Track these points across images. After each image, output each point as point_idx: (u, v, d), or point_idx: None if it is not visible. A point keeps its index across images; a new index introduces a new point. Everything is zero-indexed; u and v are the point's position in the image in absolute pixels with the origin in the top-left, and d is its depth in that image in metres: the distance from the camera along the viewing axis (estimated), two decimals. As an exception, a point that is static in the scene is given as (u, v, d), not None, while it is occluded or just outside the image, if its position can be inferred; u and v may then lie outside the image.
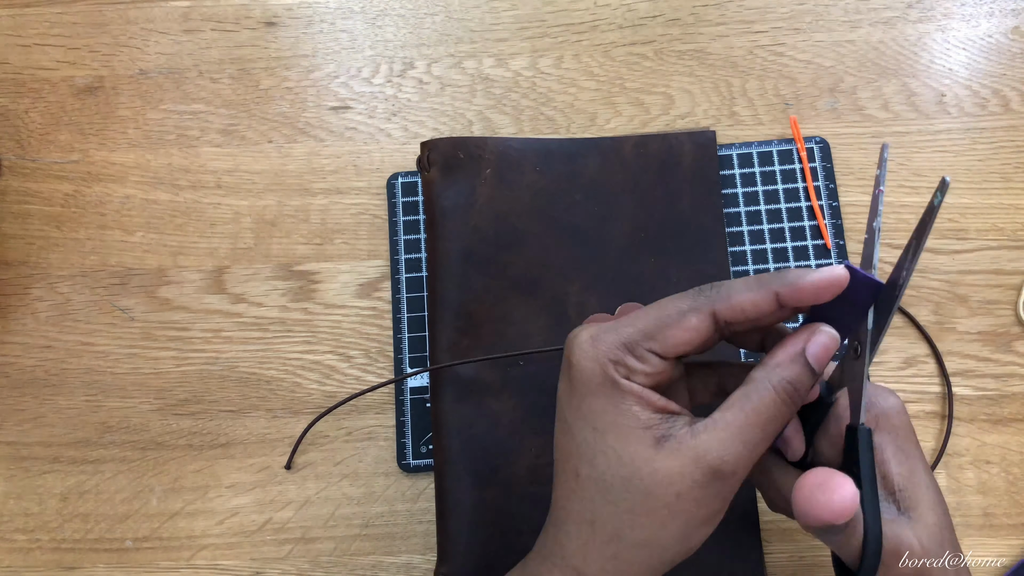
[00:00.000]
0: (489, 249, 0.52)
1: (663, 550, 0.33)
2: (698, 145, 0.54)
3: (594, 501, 0.33)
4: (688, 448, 0.31)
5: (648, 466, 0.31)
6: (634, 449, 0.32)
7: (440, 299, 0.52)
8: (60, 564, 0.51)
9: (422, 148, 0.54)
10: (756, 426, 0.31)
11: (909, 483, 0.34)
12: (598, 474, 0.32)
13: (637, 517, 0.32)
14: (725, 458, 0.31)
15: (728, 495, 0.33)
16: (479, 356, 0.50)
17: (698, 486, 0.31)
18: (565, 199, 0.53)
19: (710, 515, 0.33)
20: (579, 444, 0.33)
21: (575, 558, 0.34)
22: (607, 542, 0.33)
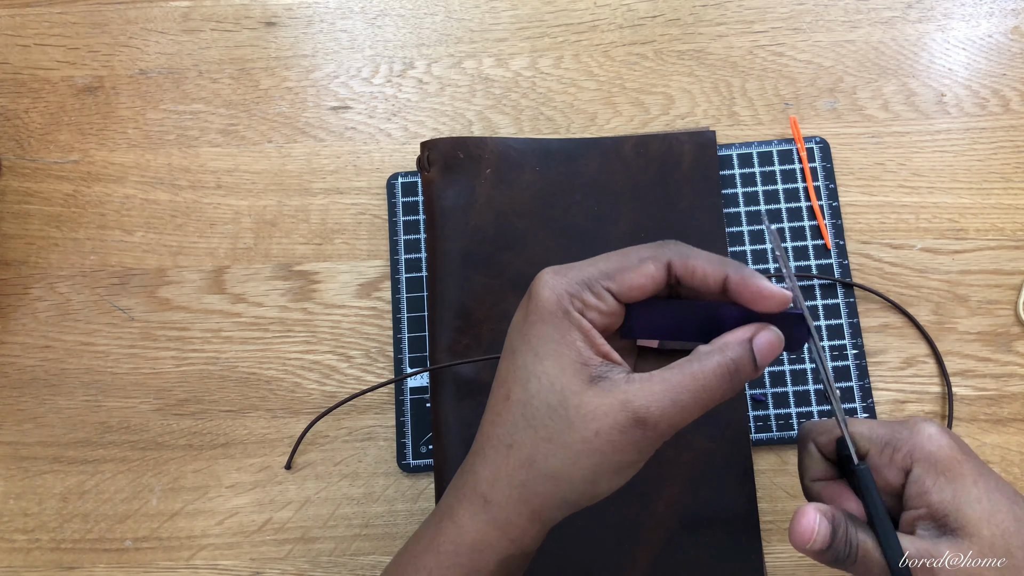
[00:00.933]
0: (489, 249, 0.52)
1: (569, 487, 0.33)
2: (698, 145, 0.54)
3: (516, 425, 0.34)
4: (619, 391, 0.32)
5: (576, 398, 0.32)
6: (568, 379, 0.33)
7: (440, 299, 0.52)
8: (60, 564, 0.51)
9: (422, 148, 0.54)
10: (689, 390, 0.32)
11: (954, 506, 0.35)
12: (527, 397, 0.33)
13: (553, 446, 0.33)
14: (651, 408, 0.32)
15: (645, 450, 0.33)
16: (479, 356, 0.50)
17: (618, 429, 0.32)
18: (565, 199, 0.53)
19: (622, 464, 0.33)
20: (518, 367, 0.34)
21: (484, 484, 0.34)
22: (519, 467, 0.33)
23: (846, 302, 0.52)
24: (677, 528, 0.48)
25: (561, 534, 0.49)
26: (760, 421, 0.51)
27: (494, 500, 0.34)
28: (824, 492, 0.38)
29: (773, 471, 0.51)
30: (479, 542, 0.34)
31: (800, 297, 0.35)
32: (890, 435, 0.37)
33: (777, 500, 0.50)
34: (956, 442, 0.37)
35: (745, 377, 0.34)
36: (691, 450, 0.49)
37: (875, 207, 0.54)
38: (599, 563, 0.48)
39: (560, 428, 0.33)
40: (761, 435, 0.51)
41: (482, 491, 0.34)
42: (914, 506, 0.36)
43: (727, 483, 0.49)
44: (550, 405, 0.33)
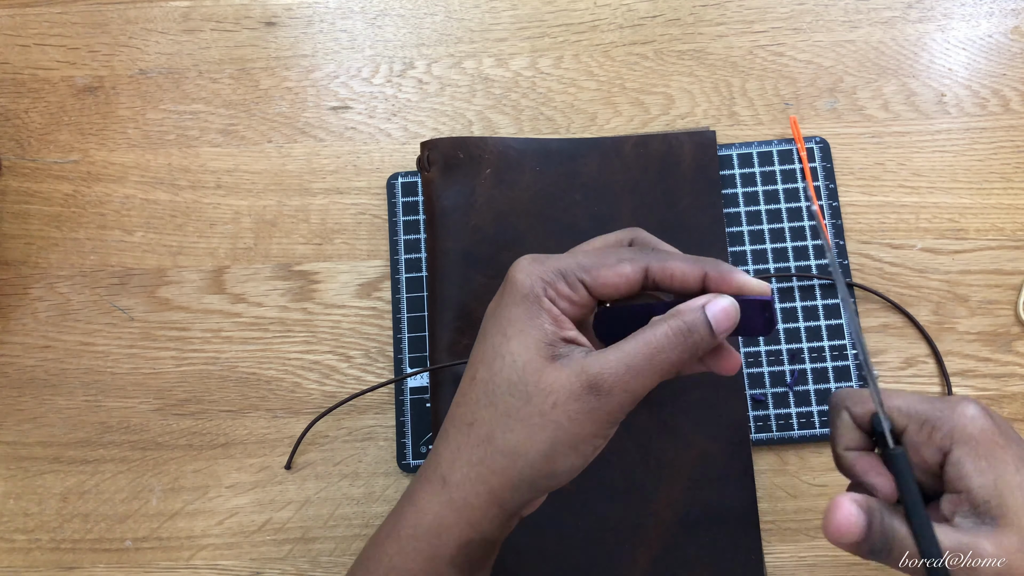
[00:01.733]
0: (489, 249, 0.52)
1: (527, 463, 0.33)
2: (698, 145, 0.54)
3: (479, 403, 0.34)
4: (576, 364, 0.33)
5: (536, 374, 0.33)
6: (530, 357, 0.33)
7: (440, 299, 0.52)
8: (60, 564, 0.51)
9: (422, 148, 0.54)
10: (643, 354, 0.33)
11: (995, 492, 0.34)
12: (491, 375, 0.34)
13: (511, 420, 0.33)
14: (604, 374, 0.32)
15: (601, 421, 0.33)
16: None
17: (573, 397, 0.32)
18: (565, 199, 0.53)
19: (579, 437, 0.33)
20: (487, 348, 0.35)
21: (444, 465, 0.35)
22: (477, 444, 0.34)
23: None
24: (677, 528, 0.48)
25: (561, 534, 0.49)
26: (760, 421, 0.51)
27: (452, 480, 0.34)
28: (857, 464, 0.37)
29: (773, 471, 0.51)
30: (437, 526, 0.34)
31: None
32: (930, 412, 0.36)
33: (777, 500, 0.50)
34: (999, 425, 0.35)
35: (701, 341, 0.34)
36: (691, 450, 0.49)
37: (875, 207, 0.54)
38: (599, 563, 0.48)
39: (518, 403, 0.33)
40: (761, 435, 0.51)
41: (442, 472, 0.34)
42: (954, 489, 0.34)
43: (727, 483, 0.49)
44: (511, 382, 0.33)
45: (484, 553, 0.35)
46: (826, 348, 0.52)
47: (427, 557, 0.34)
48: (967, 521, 0.34)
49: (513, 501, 0.34)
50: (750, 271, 0.53)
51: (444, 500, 0.34)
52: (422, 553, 0.34)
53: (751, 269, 0.53)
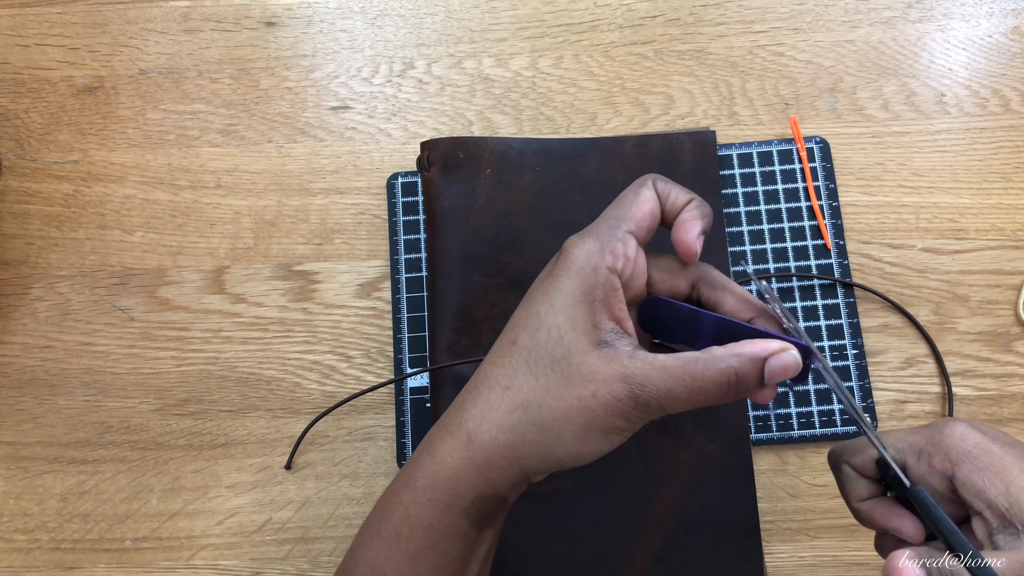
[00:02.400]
0: (489, 249, 0.52)
1: (559, 442, 0.34)
2: (698, 145, 0.54)
3: (518, 368, 0.34)
4: (621, 362, 0.33)
5: (580, 356, 0.33)
6: (576, 336, 0.33)
7: (440, 299, 0.52)
8: (60, 564, 0.51)
9: (422, 148, 0.54)
10: (685, 386, 0.33)
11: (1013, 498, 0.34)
12: (534, 345, 0.34)
13: (550, 397, 0.33)
14: (647, 387, 0.33)
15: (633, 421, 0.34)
16: (479, 356, 0.50)
17: (613, 396, 0.33)
18: (565, 199, 0.53)
19: (610, 429, 0.34)
20: (531, 315, 0.35)
21: (470, 421, 0.35)
22: (512, 410, 0.34)
23: (846, 302, 0.52)
24: (677, 528, 0.48)
25: (561, 533, 0.49)
26: (760, 421, 0.51)
27: (478, 439, 0.34)
28: (875, 512, 0.37)
29: (773, 471, 0.51)
30: (455, 479, 0.34)
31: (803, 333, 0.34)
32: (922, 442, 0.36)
33: (777, 500, 0.50)
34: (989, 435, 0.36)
35: (746, 391, 0.33)
36: (691, 450, 0.49)
37: (875, 207, 0.54)
38: (599, 563, 0.48)
39: (559, 381, 0.33)
40: (761, 435, 0.51)
41: (468, 428, 0.35)
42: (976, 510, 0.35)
43: (727, 483, 0.49)
44: (554, 357, 0.33)
45: (495, 508, 0.36)
46: (826, 348, 0.52)
47: (442, 507, 0.35)
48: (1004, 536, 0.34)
49: (535, 469, 0.35)
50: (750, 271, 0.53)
51: (466, 457, 0.34)
52: (437, 503, 0.35)
53: (751, 269, 0.53)
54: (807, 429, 0.51)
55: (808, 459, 0.51)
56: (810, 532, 0.50)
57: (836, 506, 0.50)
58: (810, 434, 0.51)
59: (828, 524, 0.50)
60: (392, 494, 0.36)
